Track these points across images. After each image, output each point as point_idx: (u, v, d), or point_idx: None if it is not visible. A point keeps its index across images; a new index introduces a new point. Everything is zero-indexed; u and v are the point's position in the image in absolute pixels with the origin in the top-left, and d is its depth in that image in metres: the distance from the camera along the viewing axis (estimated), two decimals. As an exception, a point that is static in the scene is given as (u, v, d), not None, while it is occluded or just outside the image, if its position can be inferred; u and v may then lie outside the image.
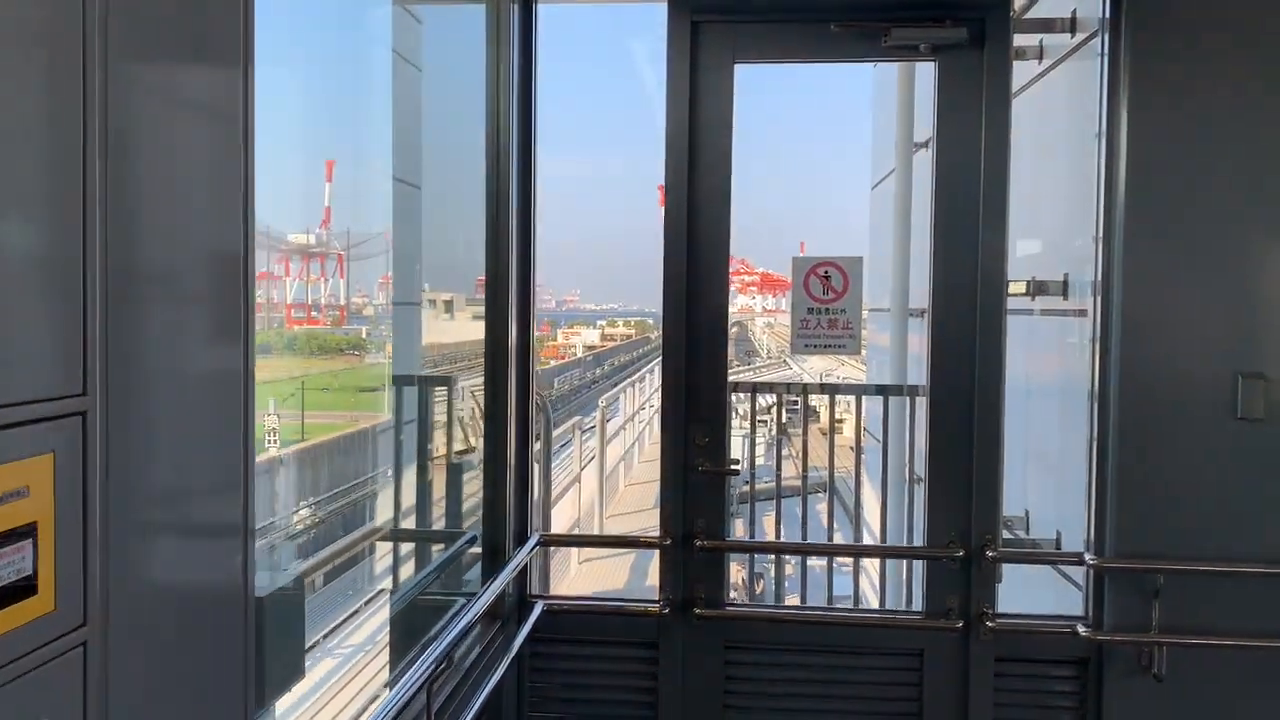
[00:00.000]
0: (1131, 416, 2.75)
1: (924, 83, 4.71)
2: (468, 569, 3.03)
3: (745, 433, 5.41)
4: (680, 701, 2.95)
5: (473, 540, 3.01)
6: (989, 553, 2.86)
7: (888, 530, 4.01)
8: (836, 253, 3.02)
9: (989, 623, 2.84)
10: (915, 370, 4.80)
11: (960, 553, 2.87)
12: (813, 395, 4.27)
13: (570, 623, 3.03)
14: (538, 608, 2.94)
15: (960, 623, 2.87)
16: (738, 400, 4.14)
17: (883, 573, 3.79)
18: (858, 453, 3.99)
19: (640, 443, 11.28)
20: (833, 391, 4.22)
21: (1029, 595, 3.14)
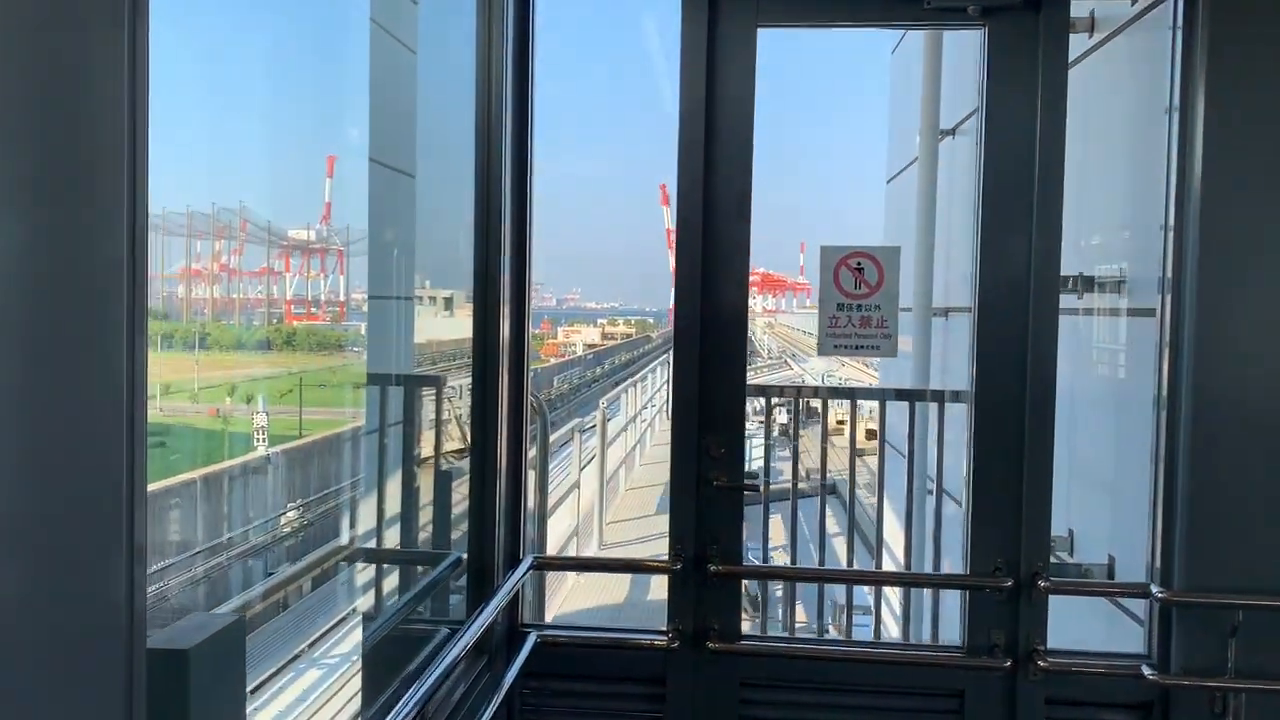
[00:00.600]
0: (1205, 430, 2.42)
1: (954, 64, 4.39)
2: (451, 595, 2.70)
3: (749, 435, 5.09)
4: None
5: (457, 562, 2.68)
6: (1040, 582, 2.52)
7: (910, 549, 3.68)
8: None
9: (1040, 661, 2.51)
10: (937, 373, 4.47)
11: (1008, 582, 2.54)
12: (829, 400, 3.95)
13: (567, 656, 2.70)
14: (531, 639, 2.61)
15: (1008, 661, 2.54)
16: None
17: (906, 600, 3.45)
18: (881, 466, 3.66)
19: (641, 444, 10.95)
20: (852, 396, 3.89)
21: (1068, 624, 2.80)
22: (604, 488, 7.69)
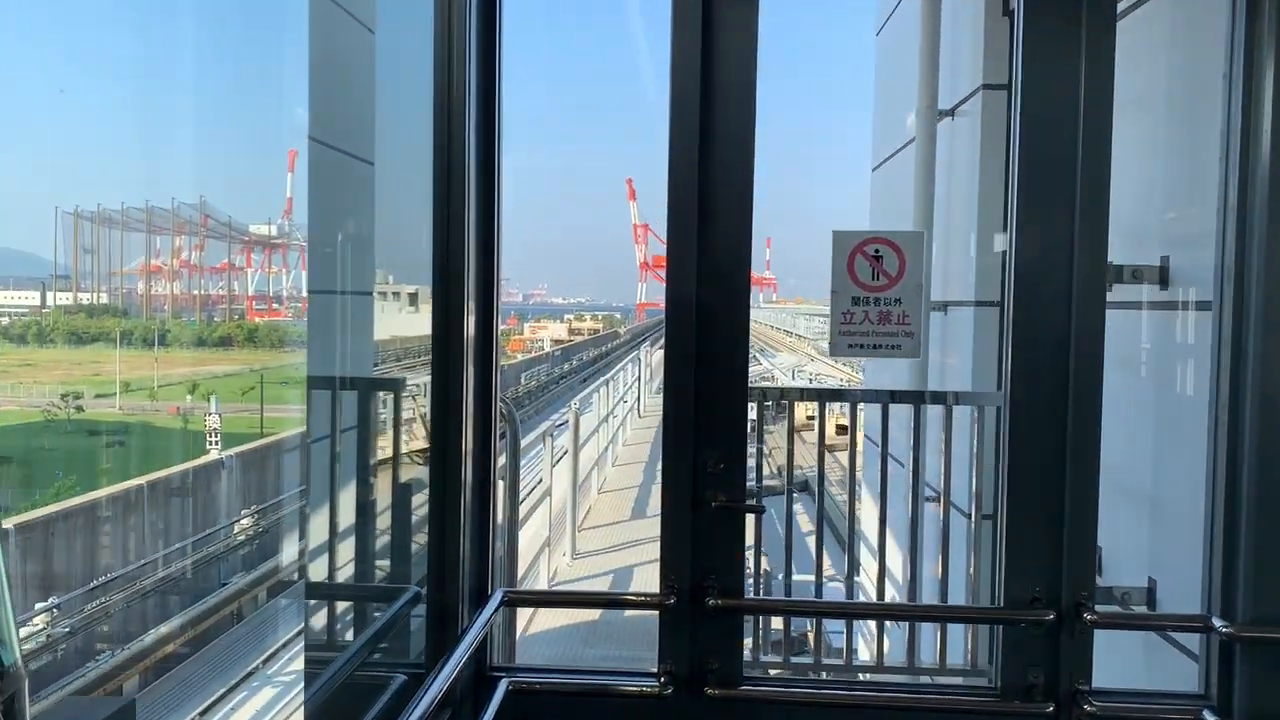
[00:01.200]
0: (1274, 439, 2.12)
1: (951, 42, 4.08)
2: (409, 636, 2.32)
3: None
4: None
5: (415, 599, 2.30)
6: (1086, 615, 2.21)
7: (916, 568, 3.36)
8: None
9: (1086, 705, 2.19)
10: (937, 373, 4.16)
11: (1049, 615, 2.22)
12: (826, 401, 3.62)
13: (544, 706, 2.34)
14: (501, 687, 2.25)
15: (1049, 706, 2.22)
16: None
17: (911, 628, 3.12)
18: (884, 473, 3.34)
19: (614, 443, 10.58)
20: (855, 400, 3.56)
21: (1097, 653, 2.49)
22: (576, 492, 7.32)
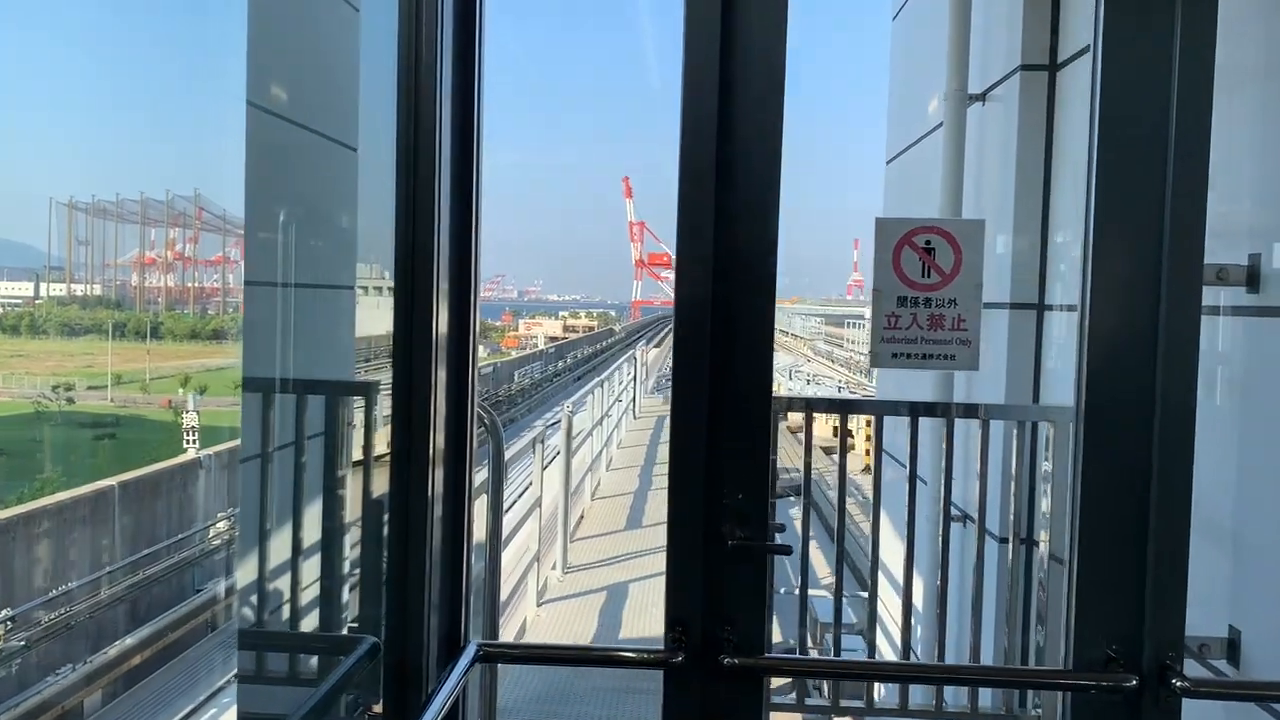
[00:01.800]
0: None
1: (981, 23, 3.74)
2: (366, 693, 1.94)
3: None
4: None
5: (374, 651, 1.92)
6: (1175, 681, 1.84)
7: (945, 605, 3.00)
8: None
9: (1175, 788, 1.83)
10: (963, 382, 3.80)
11: (1132, 681, 1.85)
12: (848, 415, 3.26)
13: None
14: (474, 760, 1.88)
15: (1131, 788, 1.86)
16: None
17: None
18: (911, 497, 2.98)
19: (608, 446, 10.21)
20: (879, 412, 3.20)
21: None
22: (568, 498, 6.95)
